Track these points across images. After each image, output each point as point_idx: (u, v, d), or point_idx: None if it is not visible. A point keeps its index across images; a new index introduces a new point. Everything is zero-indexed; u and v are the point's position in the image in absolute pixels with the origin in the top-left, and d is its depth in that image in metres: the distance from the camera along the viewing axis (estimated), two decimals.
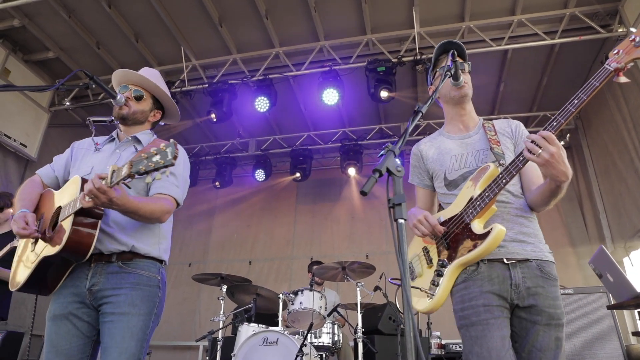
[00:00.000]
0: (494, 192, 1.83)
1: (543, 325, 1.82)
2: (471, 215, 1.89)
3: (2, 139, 6.42)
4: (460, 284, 1.92)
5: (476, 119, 2.25)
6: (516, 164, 1.80)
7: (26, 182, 2.29)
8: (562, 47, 6.16)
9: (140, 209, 1.96)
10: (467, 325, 1.85)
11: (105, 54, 6.76)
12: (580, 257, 6.99)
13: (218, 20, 6.16)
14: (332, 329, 4.66)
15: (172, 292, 8.63)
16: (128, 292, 2.01)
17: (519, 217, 1.97)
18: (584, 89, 1.69)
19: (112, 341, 1.94)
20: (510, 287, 1.85)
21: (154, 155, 1.69)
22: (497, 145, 2.03)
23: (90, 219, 1.94)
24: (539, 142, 1.68)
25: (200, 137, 8.86)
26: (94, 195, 1.76)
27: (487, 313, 1.82)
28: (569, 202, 7.50)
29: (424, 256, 2.08)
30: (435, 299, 1.92)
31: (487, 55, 6.24)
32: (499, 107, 7.53)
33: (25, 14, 6.18)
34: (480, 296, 1.85)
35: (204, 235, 9.18)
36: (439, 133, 2.31)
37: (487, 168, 1.94)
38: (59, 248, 1.87)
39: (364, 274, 4.90)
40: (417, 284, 2.07)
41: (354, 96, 7.16)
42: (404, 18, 6.11)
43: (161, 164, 1.68)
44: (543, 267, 1.90)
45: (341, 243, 8.39)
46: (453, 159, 2.12)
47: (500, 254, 1.89)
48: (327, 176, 9.05)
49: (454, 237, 1.95)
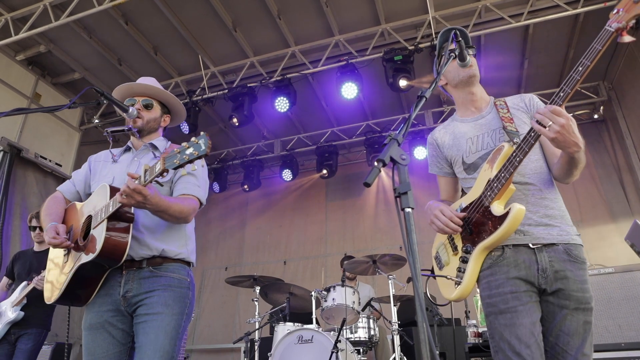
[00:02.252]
0: (509, 171, 1.78)
1: (572, 310, 1.77)
2: (490, 198, 1.84)
3: (39, 161, 6.71)
4: (486, 270, 1.88)
5: (487, 99, 2.19)
6: (528, 141, 1.75)
7: (49, 199, 2.37)
8: (587, 16, 5.88)
9: (171, 207, 2.02)
10: (496, 313, 1.81)
11: (127, 69, 6.95)
12: (623, 232, 6.63)
13: (232, 25, 6.23)
14: (368, 324, 4.64)
15: (211, 297, 8.81)
16: (161, 293, 2.07)
17: (543, 200, 1.90)
18: (587, 55, 1.65)
19: (147, 339, 1.99)
20: (537, 272, 1.80)
21: (186, 148, 1.73)
22: (510, 123, 1.97)
23: (122, 223, 2.00)
24: (547, 117, 1.64)
25: (226, 142, 8.98)
26: (128, 194, 1.82)
27: (515, 300, 1.77)
28: (608, 176, 7.19)
29: (449, 244, 2.05)
30: (463, 286, 1.89)
31: (507, 34, 6.06)
32: (525, 85, 7.28)
33: (50, 40, 6.43)
34: (506, 283, 1.80)
35: (237, 238, 9.32)
36: (452, 119, 2.26)
37: (501, 148, 1.89)
38: (96, 253, 1.92)
39: (395, 266, 4.84)
40: (444, 273, 2.04)
41: (374, 88, 7.10)
42: (418, 4, 5.99)
43: (195, 155, 1.72)
44: (570, 250, 1.84)
45: (374, 236, 8.34)
46: (469, 142, 2.08)
47: (526, 239, 1.84)
48: (354, 170, 9.00)
49: (475, 222, 1.90)
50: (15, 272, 4.19)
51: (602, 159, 7.35)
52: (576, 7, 5.57)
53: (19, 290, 3.96)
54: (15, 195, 6.36)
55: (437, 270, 2.10)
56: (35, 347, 3.95)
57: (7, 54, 6.46)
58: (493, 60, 6.70)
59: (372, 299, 4.90)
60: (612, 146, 7.25)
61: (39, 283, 3.81)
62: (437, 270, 2.10)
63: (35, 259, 4.15)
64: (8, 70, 6.44)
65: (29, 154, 6.54)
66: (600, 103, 7.41)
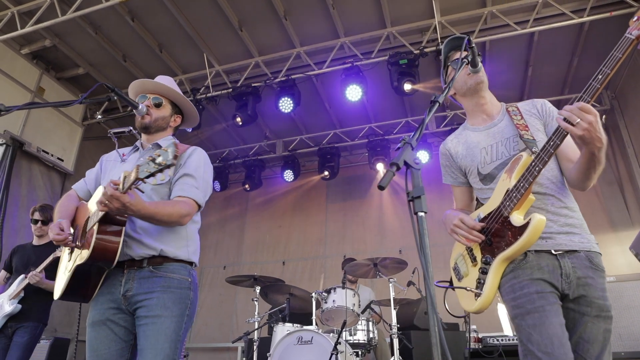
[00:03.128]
0: (528, 181, 1.77)
1: (593, 317, 1.75)
2: (509, 208, 1.83)
3: (41, 155, 6.71)
4: (509, 274, 1.85)
5: (498, 105, 2.18)
6: (547, 150, 1.74)
7: (64, 196, 2.40)
8: (592, 25, 5.91)
9: (157, 213, 2.00)
10: (523, 314, 1.76)
11: (131, 66, 6.95)
12: (623, 242, 6.68)
13: (238, 24, 6.23)
14: (367, 326, 4.64)
15: (209, 295, 8.80)
16: (159, 295, 2.06)
17: (563, 209, 1.90)
18: (607, 63, 1.64)
19: (147, 343, 1.99)
20: (561, 277, 1.79)
21: (157, 157, 1.73)
22: (526, 131, 1.95)
23: (113, 226, 2.01)
24: (575, 113, 1.62)
25: (229, 141, 8.99)
26: (107, 201, 1.82)
27: (542, 300, 1.75)
28: (609, 185, 7.20)
29: (468, 255, 2.03)
30: (483, 297, 1.87)
31: (512, 40, 6.07)
32: (528, 92, 7.30)
33: (56, 34, 6.42)
34: (531, 283, 1.78)
35: (237, 237, 9.32)
36: (463, 128, 2.24)
37: (520, 158, 1.88)
38: (86, 257, 1.95)
39: (396, 269, 4.85)
40: (464, 284, 2.01)
41: (378, 91, 7.11)
42: (424, 8, 6.00)
43: (163, 165, 1.72)
44: (592, 257, 1.83)
45: (373, 239, 8.34)
46: (483, 152, 2.06)
47: (548, 245, 1.83)
48: (355, 173, 9.02)
49: (495, 232, 1.89)
50: (13, 265, 4.19)
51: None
52: (582, 16, 5.59)
53: (16, 283, 3.96)
54: (22, 188, 6.37)
55: (456, 282, 2.06)
56: (31, 340, 3.93)
57: (12, 47, 6.45)
58: (497, 66, 6.72)
59: (372, 301, 4.90)
60: (613, 155, 7.26)
61: (33, 278, 3.81)
62: (456, 281, 2.07)
63: (34, 252, 4.15)
64: (13, 63, 6.43)
65: (31, 147, 6.53)
66: (602, 112, 7.42)
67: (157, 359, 1.97)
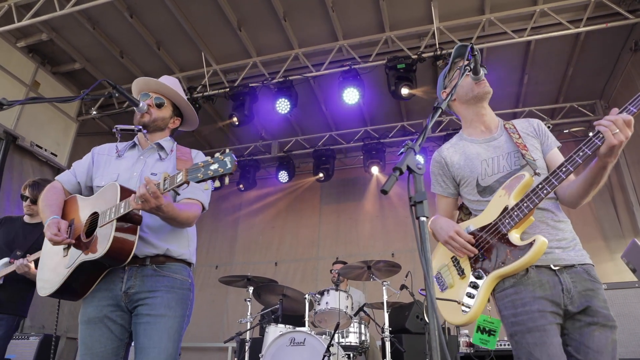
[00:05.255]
0: (533, 202, 1.78)
1: (600, 326, 1.76)
2: (508, 226, 1.84)
3: (34, 149, 6.65)
4: (510, 289, 1.85)
5: (496, 120, 2.17)
6: (558, 175, 1.74)
7: (47, 188, 2.29)
8: (588, 35, 5.99)
9: (180, 215, 2.04)
10: (523, 332, 1.77)
11: (128, 62, 6.92)
12: (613, 251, 6.77)
13: (237, 24, 6.23)
14: (359, 329, 4.65)
15: (200, 295, 8.75)
16: (163, 294, 2.06)
17: (559, 223, 1.92)
18: None
19: (150, 341, 1.99)
20: (562, 293, 1.79)
21: (211, 164, 1.73)
22: (525, 151, 1.96)
23: (130, 224, 1.98)
24: (618, 125, 1.64)
25: (224, 141, 8.98)
26: (145, 199, 1.83)
27: (543, 319, 1.76)
28: (600, 195, 7.27)
29: (453, 266, 2.02)
30: (472, 312, 1.87)
31: (509, 48, 6.14)
32: (523, 100, 7.36)
33: (53, 28, 6.38)
34: (534, 302, 1.78)
35: (229, 237, 9.29)
36: (459, 137, 2.22)
37: (521, 177, 1.88)
38: (102, 253, 1.90)
39: (389, 272, 4.87)
40: (447, 295, 2.00)
41: (375, 94, 7.14)
42: (423, 14, 6.04)
43: (220, 172, 1.72)
44: (589, 271, 1.86)
45: (367, 242, 8.36)
46: (484, 163, 2.05)
47: (547, 260, 1.83)
48: (350, 175, 9.04)
49: (488, 248, 1.89)
50: None
51: None
52: (578, 26, 5.66)
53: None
54: (13, 183, 6.30)
55: (439, 292, 2.05)
56: (6, 334, 3.52)
57: (8, 40, 6.39)
58: (493, 73, 6.76)
59: (365, 304, 4.91)
60: None
61: (22, 267, 3.36)
62: (438, 292, 2.05)
63: (22, 230, 3.72)
64: (8, 56, 6.37)
65: (24, 142, 6.48)
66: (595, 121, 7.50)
67: (160, 357, 1.97)
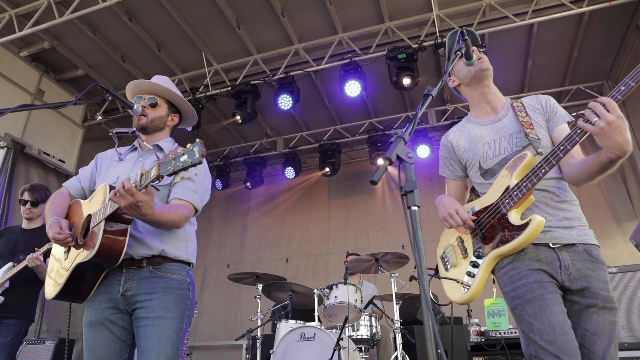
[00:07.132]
0: (532, 182, 1.77)
1: (599, 308, 1.73)
2: (508, 206, 1.83)
3: (42, 157, 6.72)
4: (507, 266, 1.84)
5: (503, 99, 2.15)
6: (556, 154, 1.72)
7: (54, 194, 2.36)
8: (592, 14, 5.86)
9: (162, 219, 2.00)
10: (523, 304, 1.75)
11: (130, 66, 6.95)
12: (626, 233, 6.66)
13: (236, 22, 6.22)
14: (370, 322, 4.64)
15: (213, 294, 8.83)
16: (160, 296, 2.06)
17: (561, 203, 1.89)
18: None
19: (149, 345, 1.99)
20: (560, 269, 1.78)
21: (181, 155, 1.71)
22: (531, 129, 1.93)
23: (120, 224, 1.99)
24: (596, 109, 1.55)
25: (229, 140, 8.99)
26: (120, 195, 1.79)
27: (541, 289, 1.73)
28: (611, 176, 7.10)
29: (458, 246, 2.04)
30: (472, 291, 1.89)
31: (511, 32, 6.04)
32: (529, 84, 7.26)
33: (54, 36, 6.43)
34: (530, 274, 1.77)
35: (240, 236, 9.33)
36: (466, 120, 2.23)
37: (523, 157, 1.87)
38: (92, 253, 1.92)
39: (398, 264, 4.84)
40: (452, 275, 2.02)
41: (378, 86, 7.09)
42: (422, 2, 5.97)
43: (189, 163, 1.70)
44: (591, 251, 1.82)
45: (376, 235, 8.33)
46: (486, 146, 2.05)
47: (546, 238, 1.82)
48: (357, 169, 9.01)
49: (489, 228, 1.89)
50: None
51: None
52: (581, 6, 5.55)
53: (2, 271, 3.54)
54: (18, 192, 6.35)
55: (443, 271, 2.08)
56: (15, 339, 3.53)
57: (11, 50, 6.46)
58: (497, 59, 6.67)
59: (374, 297, 4.90)
60: None
61: (33, 261, 3.35)
62: (443, 271, 2.08)
63: (22, 237, 3.77)
64: (12, 66, 6.44)
65: (32, 150, 6.55)
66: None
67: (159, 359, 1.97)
